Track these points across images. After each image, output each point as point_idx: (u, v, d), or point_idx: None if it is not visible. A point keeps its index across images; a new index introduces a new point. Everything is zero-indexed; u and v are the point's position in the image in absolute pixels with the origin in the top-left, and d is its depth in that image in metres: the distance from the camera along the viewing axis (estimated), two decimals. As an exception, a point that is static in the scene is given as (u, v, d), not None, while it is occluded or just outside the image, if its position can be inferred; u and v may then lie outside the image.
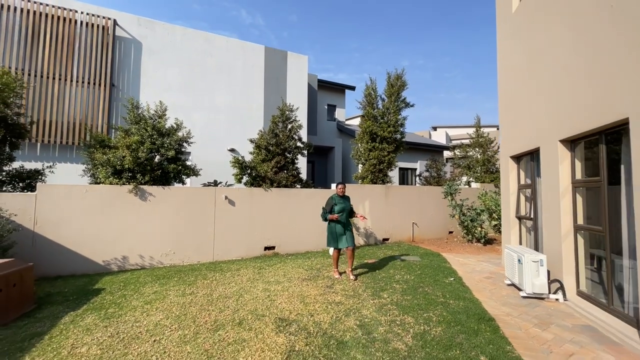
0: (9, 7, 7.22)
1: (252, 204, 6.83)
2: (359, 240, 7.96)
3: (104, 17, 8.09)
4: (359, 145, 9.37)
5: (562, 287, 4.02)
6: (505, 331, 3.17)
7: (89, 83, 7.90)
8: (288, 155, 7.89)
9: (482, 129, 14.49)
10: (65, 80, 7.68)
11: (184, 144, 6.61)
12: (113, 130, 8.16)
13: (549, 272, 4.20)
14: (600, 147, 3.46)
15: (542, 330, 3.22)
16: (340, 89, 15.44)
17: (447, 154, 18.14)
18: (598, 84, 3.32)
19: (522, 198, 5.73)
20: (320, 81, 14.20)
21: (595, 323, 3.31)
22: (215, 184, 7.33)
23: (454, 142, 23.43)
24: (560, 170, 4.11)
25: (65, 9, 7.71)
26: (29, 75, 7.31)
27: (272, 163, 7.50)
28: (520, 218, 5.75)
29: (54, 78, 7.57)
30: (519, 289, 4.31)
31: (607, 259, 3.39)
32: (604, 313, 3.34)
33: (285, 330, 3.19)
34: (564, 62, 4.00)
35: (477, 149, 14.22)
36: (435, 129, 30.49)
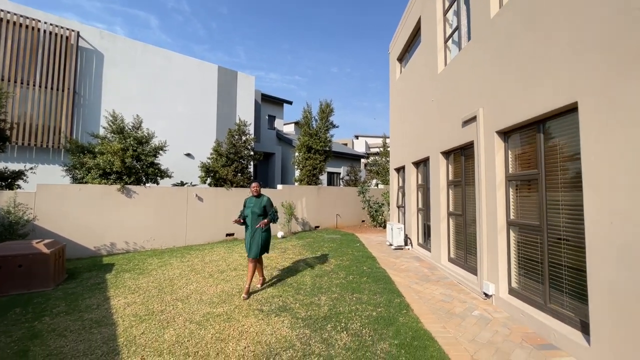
0: (-35, 10, 7.35)
1: (217, 200, 8.74)
2: (297, 228, 10.57)
3: (67, 29, 8.67)
4: (298, 154, 12.03)
5: (411, 242, 7.44)
6: (379, 260, 6.24)
7: (51, 88, 8.41)
8: (243, 162, 9.98)
9: (388, 140, 18.82)
10: (28, 84, 8.08)
11: (160, 152, 8.09)
12: (83, 135, 8.82)
13: (406, 234, 7.60)
14: (423, 168, 6.90)
15: (395, 259, 6.43)
16: (279, 102, 17.84)
17: (365, 160, 22.37)
18: (424, 137, 6.70)
19: (400, 194, 9.26)
20: (263, 95, 16.34)
21: (420, 255, 6.70)
22: (182, 184, 8.93)
23: (372, 150, 28.34)
24: (412, 179, 7.53)
25: (27, 17, 8.09)
26: (-12, 77, 7.56)
27: (231, 168, 9.49)
28: (399, 207, 9.27)
29: (15, 82, 7.92)
30: (391, 245, 7.61)
31: (426, 224, 6.83)
32: (424, 250, 6.77)
33: (265, 270, 5.57)
34: (412, 120, 7.42)
35: (385, 158, 18.49)
36: (357, 137, 35.48)
